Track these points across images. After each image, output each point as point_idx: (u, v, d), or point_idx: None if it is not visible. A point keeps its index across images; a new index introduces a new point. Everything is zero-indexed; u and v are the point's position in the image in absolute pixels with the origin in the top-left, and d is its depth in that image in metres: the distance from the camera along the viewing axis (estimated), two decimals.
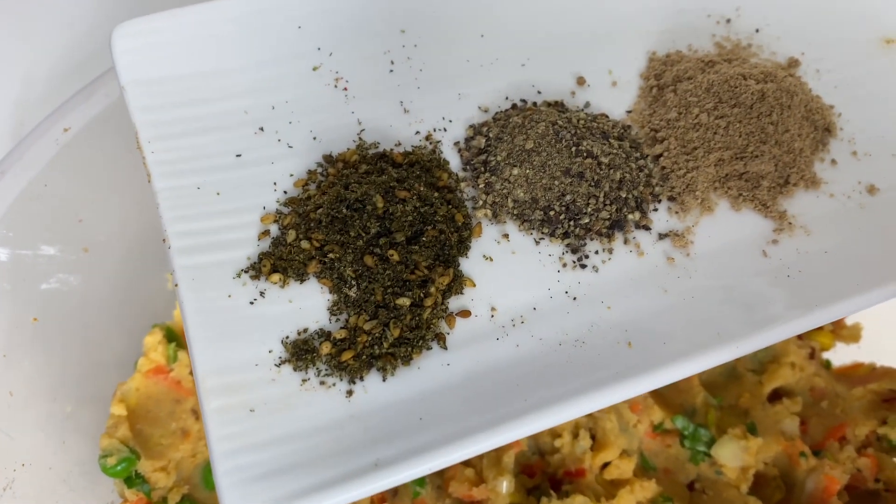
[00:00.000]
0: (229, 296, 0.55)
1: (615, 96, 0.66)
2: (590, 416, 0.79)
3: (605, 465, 0.79)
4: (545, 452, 0.80)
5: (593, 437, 0.79)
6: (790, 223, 0.60)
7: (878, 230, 0.59)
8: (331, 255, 0.56)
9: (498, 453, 0.76)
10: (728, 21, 0.70)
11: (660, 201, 0.61)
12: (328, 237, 0.56)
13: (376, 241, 0.56)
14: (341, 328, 0.55)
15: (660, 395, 0.83)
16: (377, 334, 0.54)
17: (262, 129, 0.62)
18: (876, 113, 0.66)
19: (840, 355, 0.94)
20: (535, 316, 0.56)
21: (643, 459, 0.80)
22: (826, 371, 0.90)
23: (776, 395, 0.85)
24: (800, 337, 0.89)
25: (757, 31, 0.70)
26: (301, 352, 0.53)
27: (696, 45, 0.69)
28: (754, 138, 0.60)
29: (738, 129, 0.60)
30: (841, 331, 0.92)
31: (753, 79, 0.61)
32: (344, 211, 0.56)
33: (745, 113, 0.60)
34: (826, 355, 0.93)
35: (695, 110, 0.61)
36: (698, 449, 0.79)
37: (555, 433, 0.79)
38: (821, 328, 0.90)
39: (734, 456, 0.78)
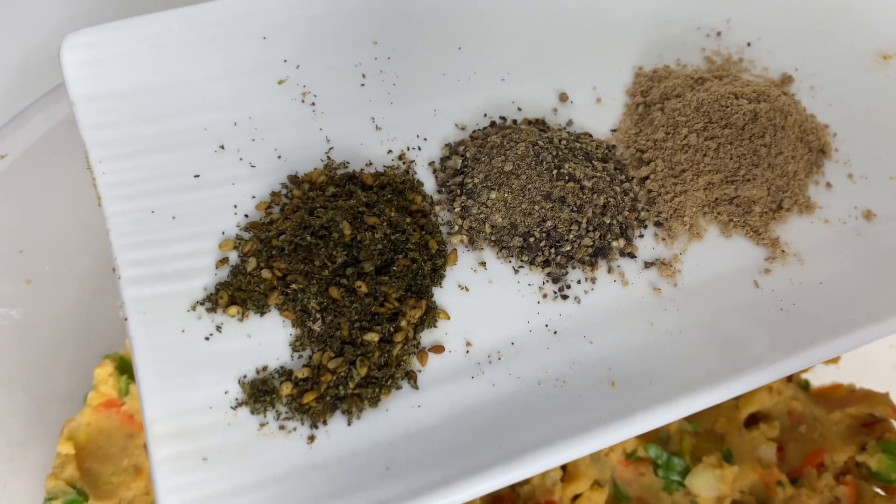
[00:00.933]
0: (183, 330, 0.51)
1: (599, 114, 0.62)
2: None
3: (577, 496, 0.75)
4: (514, 484, 0.77)
5: (564, 468, 0.76)
6: (783, 251, 0.57)
7: (875, 260, 0.56)
8: (294, 286, 0.52)
9: None
10: (718, 34, 0.66)
11: (646, 227, 0.58)
12: (291, 266, 0.52)
13: (343, 272, 0.52)
14: (304, 366, 0.51)
15: None
16: (342, 373, 0.50)
17: (222, 147, 0.58)
18: (872, 132, 0.63)
19: (819, 375, 0.91)
20: (512, 351, 0.52)
21: (616, 489, 0.77)
22: (804, 393, 0.87)
23: (753, 420, 0.83)
24: None
25: (749, 44, 0.66)
26: (259, 393, 0.49)
27: (685, 60, 0.65)
28: (746, 161, 0.57)
29: (729, 151, 0.57)
30: None
31: (745, 98, 0.57)
32: (308, 238, 0.52)
33: (736, 134, 0.57)
34: (805, 375, 0.91)
35: (683, 130, 0.58)
36: (672, 478, 0.77)
37: None
38: None
39: (709, 486, 0.75)
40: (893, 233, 0.58)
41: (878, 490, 0.75)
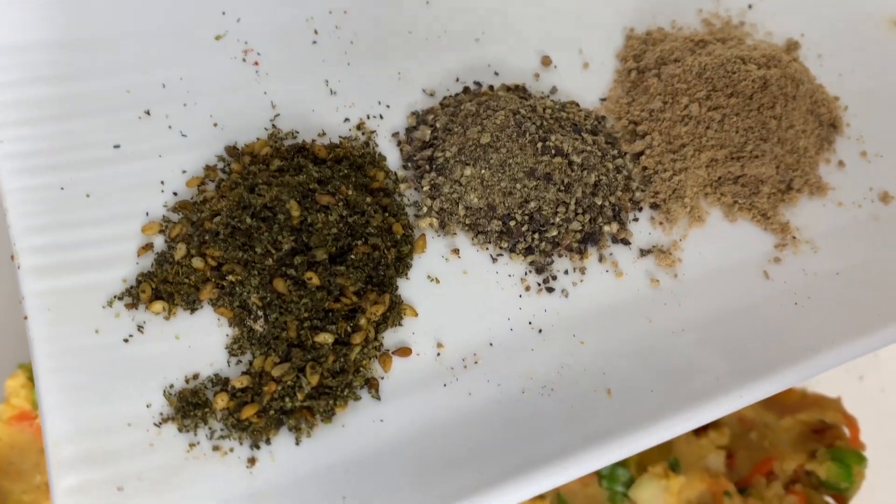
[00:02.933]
0: (96, 331, 0.43)
1: (587, 80, 0.55)
2: None
3: None
4: None
5: None
6: (794, 237, 0.50)
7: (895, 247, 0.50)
8: (231, 278, 0.44)
9: None
10: None
11: (641, 209, 0.51)
12: (228, 254, 0.44)
13: (290, 260, 0.44)
14: (243, 374, 0.43)
15: None
16: (289, 382, 0.42)
17: (147, 112, 0.49)
18: (886, 107, 0.57)
19: None
20: (491, 354, 0.45)
21: (560, 500, 0.72)
22: None
23: (702, 426, 0.78)
24: None
25: (750, 6, 0.59)
26: (189, 406, 0.41)
27: (681, 22, 0.58)
28: (754, 135, 0.50)
29: (736, 123, 0.50)
30: None
31: (754, 63, 0.50)
32: (248, 220, 0.44)
33: (743, 104, 0.50)
34: None
35: (683, 99, 0.50)
36: (617, 489, 0.72)
37: None
38: None
39: (654, 497, 0.70)
40: None
41: (828, 499, 0.72)
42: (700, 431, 0.76)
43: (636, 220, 0.50)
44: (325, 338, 0.43)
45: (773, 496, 0.73)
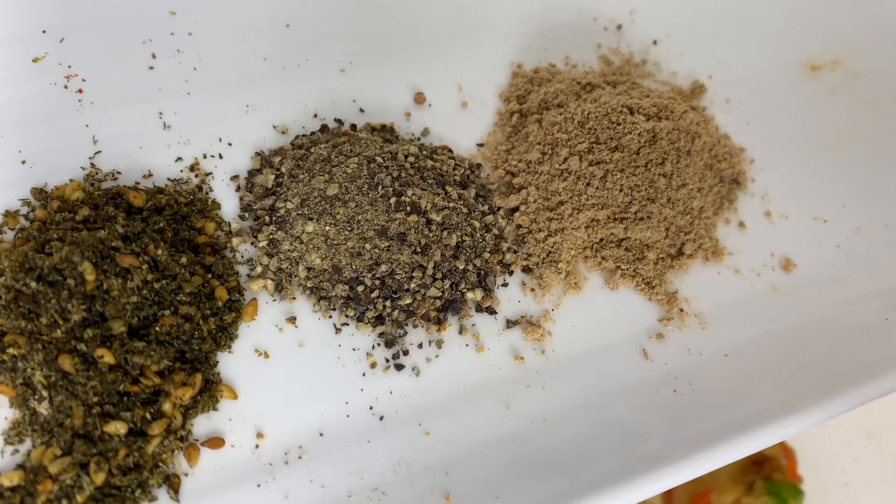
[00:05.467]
0: None
1: (464, 122, 0.49)
2: None
3: None
4: None
5: None
6: (681, 310, 0.45)
7: (794, 326, 0.45)
8: (12, 350, 0.37)
9: None
10: (619, 28, 0.54)
11: (511, 273, 0.45)
12: (9, 323, 0.37)
13: (80, 333, 0.37)
14: (17, 467, 0.36)
15: None
16: (69, 482, 0.35)
17: None
18: (797, 160, 0.51)
19: None
20: (320, 446, 0.39)
21: None
22: None
23: None
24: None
25: (655, 42, 0.54)
26: None
27: (576, 58, 0.52)
28: (640, 194, 0.44)
29: (619, 180, 0.44)
30: None
31: (643, 113, 0.45)
32: (33, 284, 0.37)
33: (629, 159, 0.44)
34: None
35: (563, 151, 0.45)
36: None
37: None
38: None
39: None
40: (816, 289, 0.46)
41: None
42: None
43: (505, 284, 0.44)
44: (117, 427, 0.36)
45: None
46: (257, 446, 0.38)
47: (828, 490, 0.75)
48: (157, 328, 0.38)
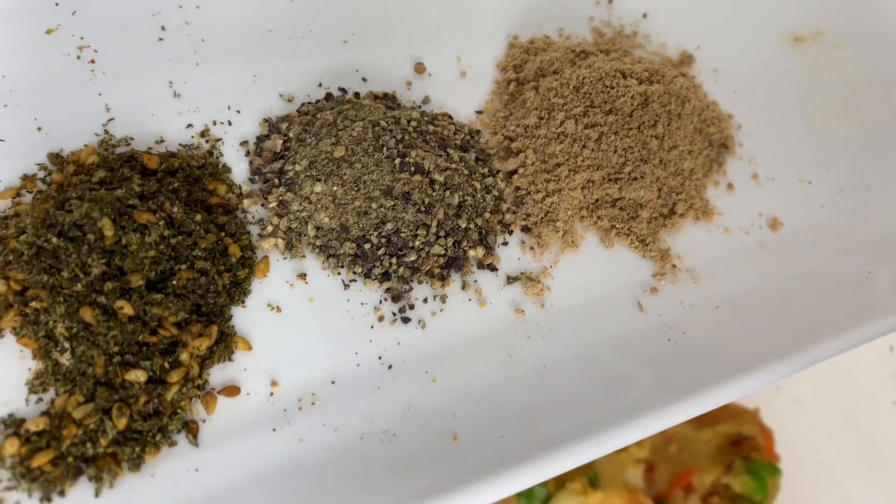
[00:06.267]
0: None
1: (463, 90, 0.51)
2: None
3: None
4: None
5: None
6: (674, 266, 0.47)
7: (780, 280, 0.47)
8: (35, 304, 0.39)
9: None
10: (610, 1, 0.56)
11: (511, 233, 0.47)
12: (32, 277, 0.39)
13: (101, 286, 0.39)
14: (42, 414, 0.37)
15: None
16: (92, 426, 0.37)
17: None
18: (782, 126, 0.53)
19: None
20: (331, 393, 0.40)
21: None
22: None
23: None
24: None
25: (644, 15, 0.56)
26: None
27: (570, 30, 0.54)
28: (633, 155, 0.46)
29: (613, 142, 0.46)
30: None
31: (635, 77, 0.47)
32: (54, 240, 0.39)
33: (622, 122, 0.46)
34: None
35: (559, 115, 0.47)
36: None
37: None
38: None
39: None
40: (802, 246, 0.49)
41: None
42: None
43: (505, 244, 0.46)
44: (137, 375, 0.38)
45: None
46: (272, 394, 0.40)
47: (804, 468, 0.76)
48: (174, 281, 0.40)
